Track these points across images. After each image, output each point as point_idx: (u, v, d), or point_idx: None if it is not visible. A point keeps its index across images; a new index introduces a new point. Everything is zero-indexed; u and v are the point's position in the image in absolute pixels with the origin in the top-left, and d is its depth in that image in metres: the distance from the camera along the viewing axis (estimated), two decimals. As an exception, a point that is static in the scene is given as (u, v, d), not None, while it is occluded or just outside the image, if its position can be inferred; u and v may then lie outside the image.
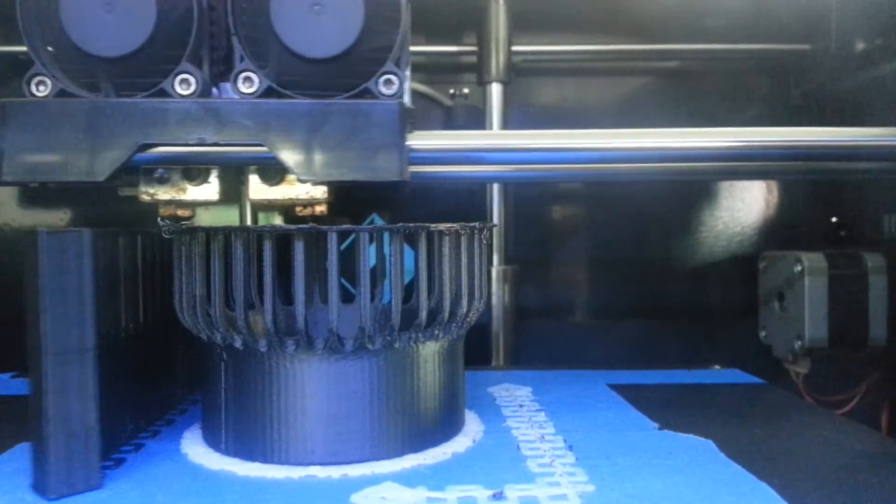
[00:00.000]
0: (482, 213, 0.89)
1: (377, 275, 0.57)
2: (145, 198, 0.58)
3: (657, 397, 0.64)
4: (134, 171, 0.58)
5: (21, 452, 0.48)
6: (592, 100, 0.96)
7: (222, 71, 0.55)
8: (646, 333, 0.94)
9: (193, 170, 0.58)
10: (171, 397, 0.59)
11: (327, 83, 0.53)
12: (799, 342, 0.78)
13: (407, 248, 0.48)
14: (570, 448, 0.49)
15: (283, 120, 0.51)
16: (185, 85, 0.51)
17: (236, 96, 0.52)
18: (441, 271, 0.49)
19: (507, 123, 0.88)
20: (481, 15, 0.87)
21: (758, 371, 0.75)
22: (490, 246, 0.87)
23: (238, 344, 0.46)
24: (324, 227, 0.44)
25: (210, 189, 0.58)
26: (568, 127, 0.60)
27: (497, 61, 0.87)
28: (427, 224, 0.47)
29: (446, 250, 0.49)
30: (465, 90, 0.93)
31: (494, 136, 0.61)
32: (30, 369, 0.41)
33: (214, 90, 0.55)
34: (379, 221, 0.90)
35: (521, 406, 0.60)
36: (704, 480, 0.43)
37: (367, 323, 0.45)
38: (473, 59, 0.90)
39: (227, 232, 0.46)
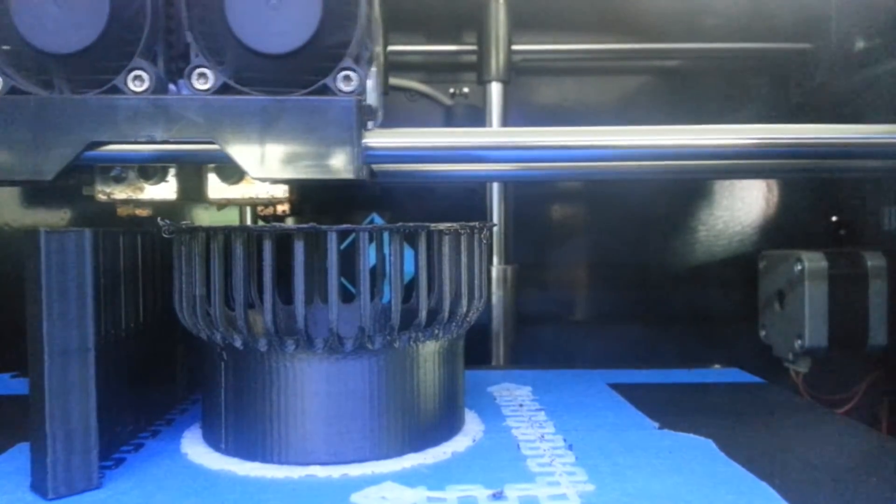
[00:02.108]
0: (482, 213, 0.89)
1: (377, 274, 0.57)
2: (102, 197, 0.57)
3: (657, 397, 0.64)
4: (88, 169, 0.57)
5: (21, 452, 0.48)
6: (593, 99, 0.96)
7: (181, 67, 0.53)
8: (646, 332, 0.94)
9: (150, 168, 0.57)
10: (171, 397, 0.59)
11: (286, 79, 0.52)
12: (799, 341, 0.78)
13: (407, 248, 0.48)
14: (570, 447, 0.49)
15: (234, 116, 0.50)
16: (138, 81, 0.50)
17: (190, 93, 0.51)
18: (441, 271, 0.49)
19: (507, 122, 0.88)
20: (481, 14, 0.87)
21: (758, 370, 0.75)
22: (490, 245, 0.87)
23: (238, 344, 0.46)
24: (324, 227, 0.44)
25: (168, 188, 0.58)
26: (568, 126, 0.60)
27: (497, 60, 0.87)
28: (427, 224, 0.47)
29: (446, 250, 0.49)
30: (465, 89, 0.93)
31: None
32: (30, 369, 0.41)
33: (173, 87, 0.53)
34: (379, 221, 0.90)
35: (521, 406, 0.60)
36: (704, 480, 0.43)
37: (367, 322, 0.45)
38: (473, 58, 0.90)
39: (226, 232, 0.46)
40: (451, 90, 0.93)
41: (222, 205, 0.60)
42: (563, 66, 0.95)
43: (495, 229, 0.88)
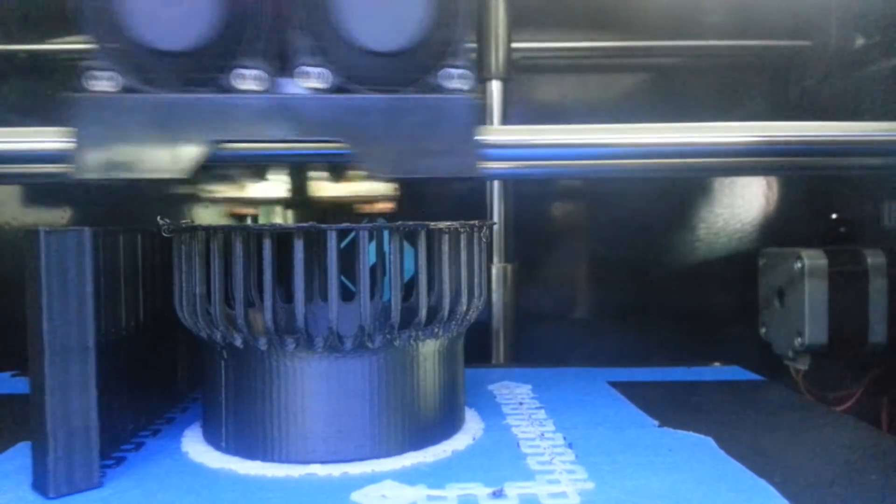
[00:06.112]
0: (482, 211, 0.89)
1: (377, 273, 0.57)
2: (206, 196, 0.57)
3: (657, 394, 0.64)
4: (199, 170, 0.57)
5: (22, 451, 0.48)
6: (593, 97, 0.96)
7: (290, 67, 0.53)
8: (646, 329, 0.94)
9: (252, 166, 0.57)
10: (172, 395, 0.60)
11: (394, 77, 0.52)
12: (799, 339, 0.78)
13: (407, 246, 0.48)
14: (570, 446, 0.49)
15: (358, 116, 0.51)
16: (256, 81, 0.50)
17: (303, 92, 0.51)
18: (441, 269, 0.49)
19: (507, 120, 0.88)
20: (481, 11, 0.87)
21: (758, 368, 0.75)
22: (490, 244, 0.87)
23: (238, 342, 0.46)
24: (323, 226, 0.44)
25: (269, 187, 0.57)
26: (568, 124, 0.60)
27: (497, 58, 0.87)
28: (427, 222, 0.47)
29: (446, 248, 0.49)
30: (466, 87, 0.93)
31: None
32: (30, 368, 0.41)
33: (281, 83, 0.53)
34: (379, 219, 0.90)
35: (521, 404, 0.60)
36: (704, 477, 0.43)
37: (367, 321, 0.45)
38: (473, 55, 0.89)
39: (226, 231, 0.46)
40: (452, 88, 0.93)
41: (326, 203, 0.59)
42: (564, 64, 0.95)
43: (495, 227, 0.88)
